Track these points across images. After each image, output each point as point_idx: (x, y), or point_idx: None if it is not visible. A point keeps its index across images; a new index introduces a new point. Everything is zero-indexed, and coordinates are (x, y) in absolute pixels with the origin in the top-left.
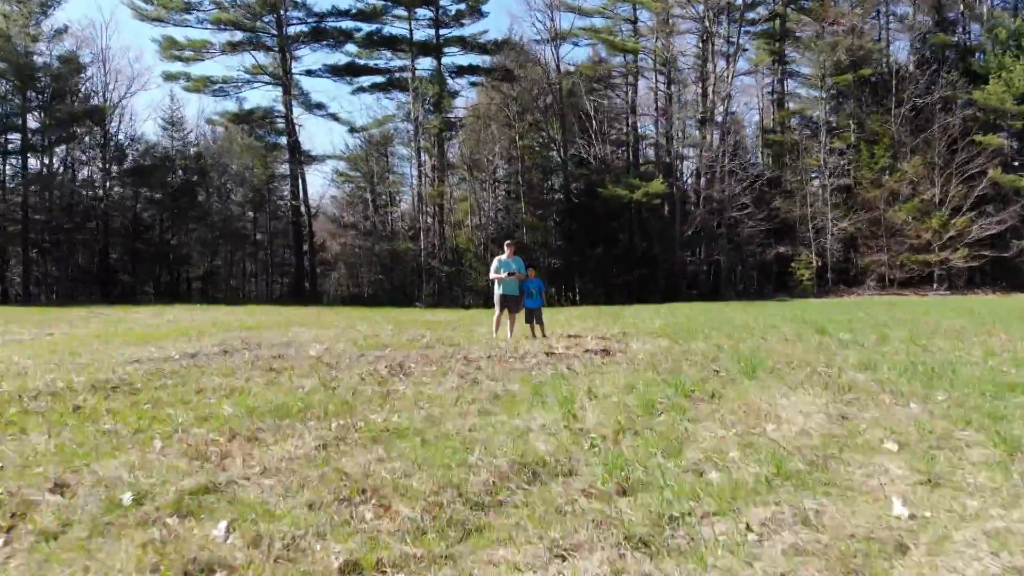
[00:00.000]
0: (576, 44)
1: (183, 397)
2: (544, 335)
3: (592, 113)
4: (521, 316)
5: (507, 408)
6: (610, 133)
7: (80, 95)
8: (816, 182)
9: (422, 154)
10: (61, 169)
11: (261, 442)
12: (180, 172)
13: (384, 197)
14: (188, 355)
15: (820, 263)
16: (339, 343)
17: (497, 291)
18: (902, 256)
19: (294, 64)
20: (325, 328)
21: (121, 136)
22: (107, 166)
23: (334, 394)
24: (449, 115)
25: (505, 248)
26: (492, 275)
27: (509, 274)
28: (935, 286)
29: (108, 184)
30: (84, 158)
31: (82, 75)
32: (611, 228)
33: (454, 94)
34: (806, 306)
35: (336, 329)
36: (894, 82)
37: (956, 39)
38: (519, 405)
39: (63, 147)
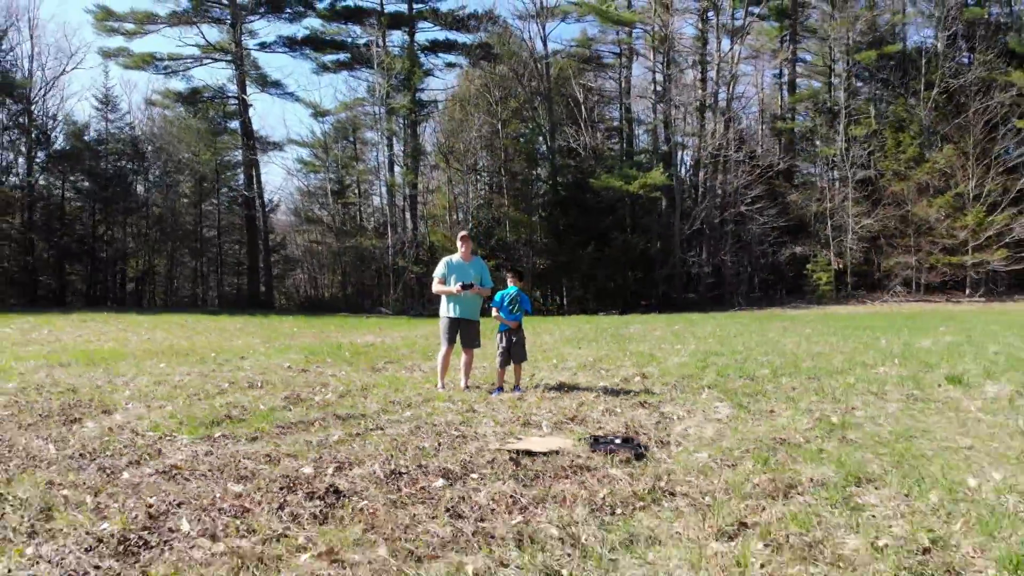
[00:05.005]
0: (564, 21)
1: None
2: (518, 385)
3: (582, 98)
4: (487, 350)
5: None
6: (601, 120)
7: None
8: (834, 174)
9: (391, 138)
10: None
11: None
12: (115, 158)
13: (353, 190)
14: None
15: (841, 265)
16: (167, 404)
17: (444, 312)
18: (932, 257)
19: (247, 38)
20: (202, 361)
21: (48, 118)
22: (31, 151)
23: None
24: (422, 96)
25: (459, 243)
26: (437, 287)
27: (463, 286)
28: (968, 291)
29: (32, 171)
30: (3, 141)
31: (2, 47)
32: (603, 225)
33: (427, 71)
34: (847, 320)
35: (213, 364)
36: (923, 61)
37: (990, 14)
38: None
39: None
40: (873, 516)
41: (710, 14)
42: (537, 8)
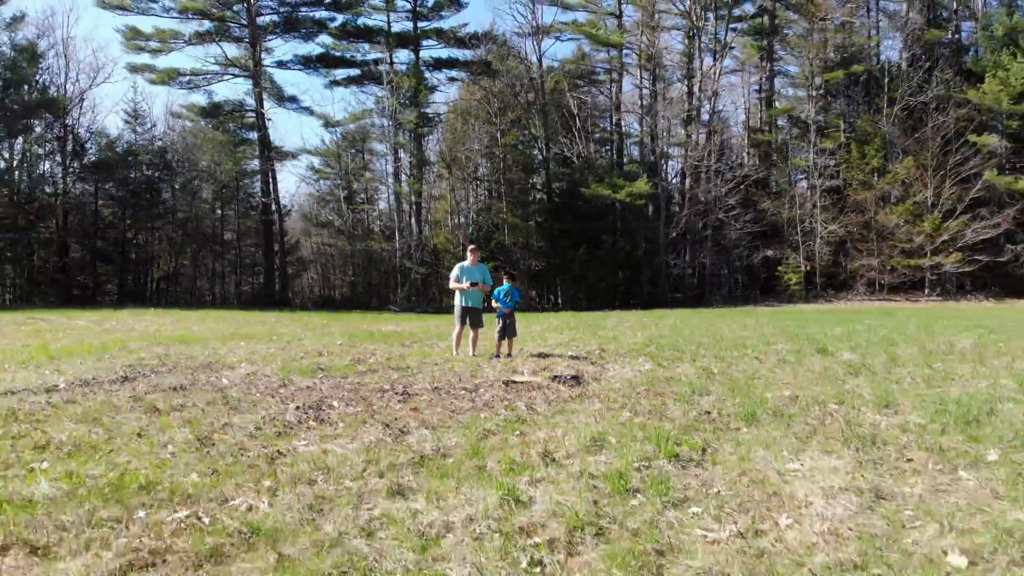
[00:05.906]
0: (559, 39)
1: (5, 460)
2: (510, 353)
3: (575, 110)
4: (487, 332)
5: (430, 483)
6: (594, 131)
7: (38, 86)
8: (805, 183)
9: (398, 150)
10: (16, 164)
11: (47, 557)
12: (143, 168)
13: (361, 196)
14: (79, 383)
15: (809, 267)
16: (270, 364)
17: (458, 302)
18: (893, 260)
19: (265, 55)
20: (268, 341)
21: (81, 130)
22: (66, 161)
23: (206, 457)
24: (427, 110)
25: (468, 254)
26: (452, 284)
27: (471, 284)
28: (926, 291)
29: (67, 180)
30: (41, 152)
31: (40, 65)
32: (594, 229)
33: (432, 88)
34: (797, 315)
35: (278, 343)
36: (886, 80)
37: (949, 36)
38: (449, 478)
39: (19, 140)
40: (697, 406)
41: (694, 31)
42: (532, 27)
